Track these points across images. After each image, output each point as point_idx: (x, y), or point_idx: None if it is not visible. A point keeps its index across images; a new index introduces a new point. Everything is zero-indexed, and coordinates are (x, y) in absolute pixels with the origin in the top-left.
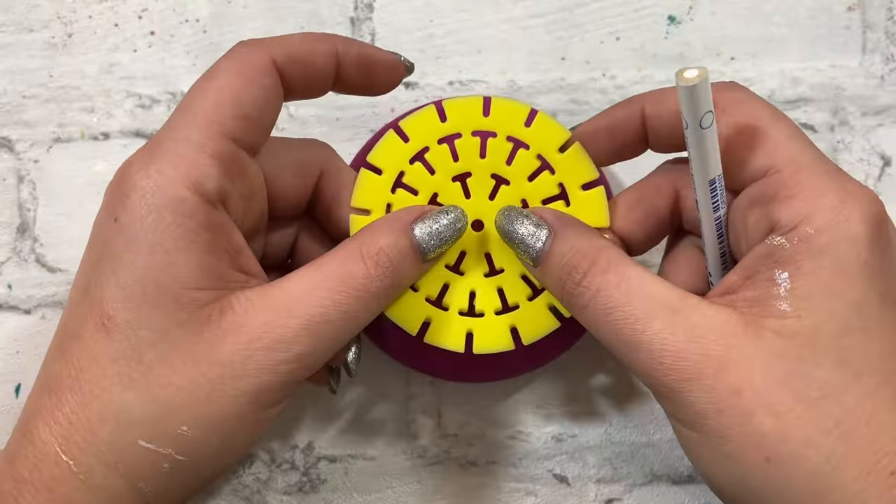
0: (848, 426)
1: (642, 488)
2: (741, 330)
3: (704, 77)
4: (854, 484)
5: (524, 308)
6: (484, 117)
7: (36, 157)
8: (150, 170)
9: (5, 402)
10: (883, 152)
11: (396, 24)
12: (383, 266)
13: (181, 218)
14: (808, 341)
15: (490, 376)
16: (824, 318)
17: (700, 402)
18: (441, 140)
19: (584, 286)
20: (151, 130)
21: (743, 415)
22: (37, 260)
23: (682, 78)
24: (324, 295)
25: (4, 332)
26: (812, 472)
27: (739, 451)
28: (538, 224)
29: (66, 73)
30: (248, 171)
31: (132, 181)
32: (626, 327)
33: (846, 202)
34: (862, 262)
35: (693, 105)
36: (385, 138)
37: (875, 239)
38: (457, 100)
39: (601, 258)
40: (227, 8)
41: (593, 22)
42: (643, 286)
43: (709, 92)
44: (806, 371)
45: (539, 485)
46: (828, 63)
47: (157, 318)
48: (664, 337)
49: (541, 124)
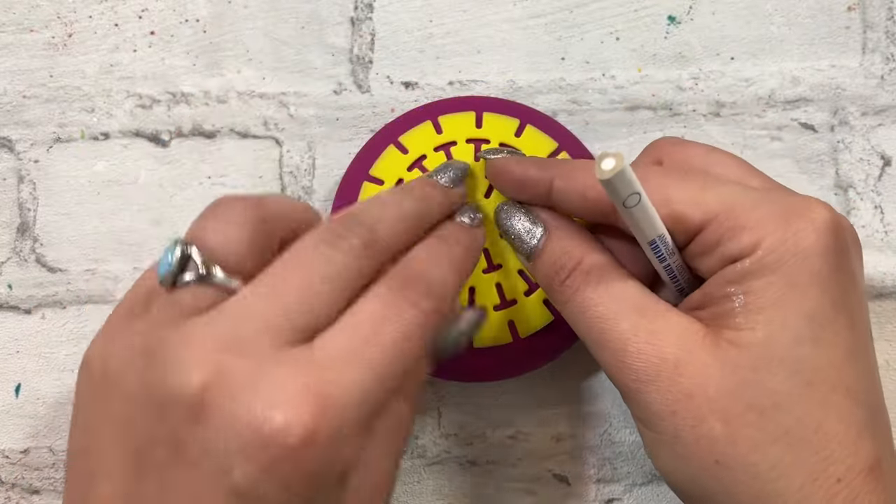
0: (797, 435)
1: (642, 488)
2: (700, 338)
3: (621, 167)
4: (799, 491)
5: (521, 303)
6: (477, 129)
7: (36, 157)
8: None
9: (5, 402)
10: (883, 152)
11: (396, 24)
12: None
13: None
14: (762, 352)
15: (490, 376)
16: (777, 330)
17: (656, 403)
18: (437, 148)
19: (566, 284)
20: (151, 130)
21: (695, 418)
22: (37, 260)
23: (600, 170)
24: None
25: (4, 332)
26: (758, 478)
27: (691, 452)
28: (534, 221)
29: (67, 73)
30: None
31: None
32: (597, 325)
33: (791, 218)
34: (814, 272)
35: (614, 193)
36: (386, 153)
37: (827, 247)
38: (451, 115)
39: (586, 260)
40: (227, 8)
41: (593, 22)
42: (619, 289)
43: (628, 178)
44: (759, 380)
45: (539, 485)
46: (828, 63)
47: None
48: (627, 337)
49: (530, 135)
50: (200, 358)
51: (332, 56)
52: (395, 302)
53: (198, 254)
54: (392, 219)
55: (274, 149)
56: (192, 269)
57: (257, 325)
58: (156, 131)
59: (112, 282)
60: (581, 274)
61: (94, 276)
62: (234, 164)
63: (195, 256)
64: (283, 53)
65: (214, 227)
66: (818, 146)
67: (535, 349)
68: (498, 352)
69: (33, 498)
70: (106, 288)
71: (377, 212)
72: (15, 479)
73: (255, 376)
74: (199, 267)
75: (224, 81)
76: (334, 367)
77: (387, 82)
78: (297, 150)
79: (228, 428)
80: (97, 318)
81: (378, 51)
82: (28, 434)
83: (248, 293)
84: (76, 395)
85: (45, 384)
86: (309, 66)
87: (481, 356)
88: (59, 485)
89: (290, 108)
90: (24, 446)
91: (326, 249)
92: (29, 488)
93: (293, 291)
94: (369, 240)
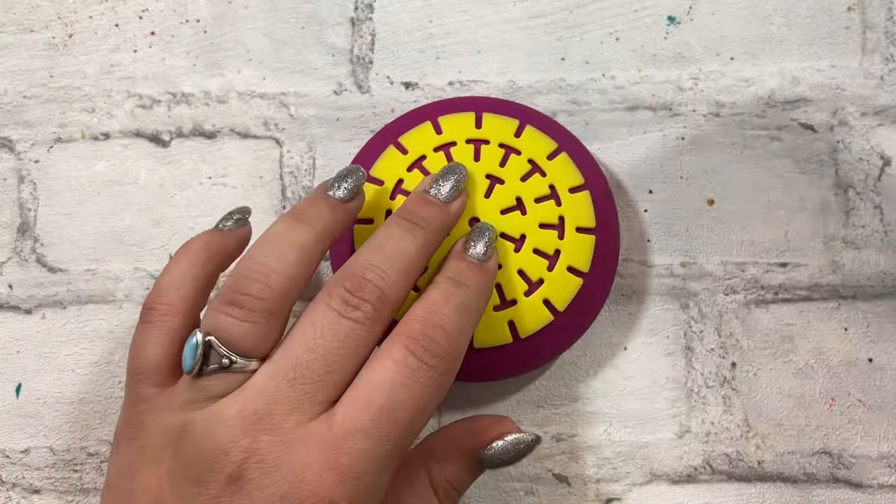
0: None
1: (642, 488)
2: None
3: None
4: None
5: (521, 303)
6: (476, 129)
7: (36, 157)
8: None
9: (5, 402)
10: (883, 152)
11: (396, 24)
12: (452, 498)
13: None
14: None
15: (490, 376)
16: None
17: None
18: (437, 148)
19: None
20: (152, 130)
21: None
22: (37, 260)
23: None
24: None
25: (5, 331)
26: None
27: None
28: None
29: (67, 73)
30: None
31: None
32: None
33: None
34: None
35: None
36: (386, 153)
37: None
38: (451, 116)
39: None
40: (227, 8)
41: (593, 22)
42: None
43: None
44: None
45: (539, 484)
46: (827, 63)
47: None
48: None
49: (529, 135)
50: (236, 434)
51: (332, 56)
52: (409, 363)
53: (218, 345)
54: (398, 272)
55: (274, 149)
56: (214, 360)
57: (281, 407)
58: (156, 131)
59: (112, 282)
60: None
61: (94, 276)
62: (235, 164)
63: (216, 348)
64: (284, 54)
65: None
66: (818, 146)
67: (535, 349)
68: (498, 352)
69: (34, 497)
70: (106, 288)
71: (383, 266)
72: (16, 478)
73: (284, 453)
74: (222, 357)
75: (224, 82)
76: (352, 439)
77: (387, 82)
78: (297, 151)
79: (264, 498)
80: (98, 318)
81: (378, 51)
82: (28, 434)
83: (270, 374)
84: (110, 467)
85: (46, 384)
86: (309, 66)
87: (481, 356)
88: (59, 484)
89: (291, 109)
90: (24, 446)
91: (338, 320)
92: (29, 488)
93: (313, 367)
94: (378, 299)
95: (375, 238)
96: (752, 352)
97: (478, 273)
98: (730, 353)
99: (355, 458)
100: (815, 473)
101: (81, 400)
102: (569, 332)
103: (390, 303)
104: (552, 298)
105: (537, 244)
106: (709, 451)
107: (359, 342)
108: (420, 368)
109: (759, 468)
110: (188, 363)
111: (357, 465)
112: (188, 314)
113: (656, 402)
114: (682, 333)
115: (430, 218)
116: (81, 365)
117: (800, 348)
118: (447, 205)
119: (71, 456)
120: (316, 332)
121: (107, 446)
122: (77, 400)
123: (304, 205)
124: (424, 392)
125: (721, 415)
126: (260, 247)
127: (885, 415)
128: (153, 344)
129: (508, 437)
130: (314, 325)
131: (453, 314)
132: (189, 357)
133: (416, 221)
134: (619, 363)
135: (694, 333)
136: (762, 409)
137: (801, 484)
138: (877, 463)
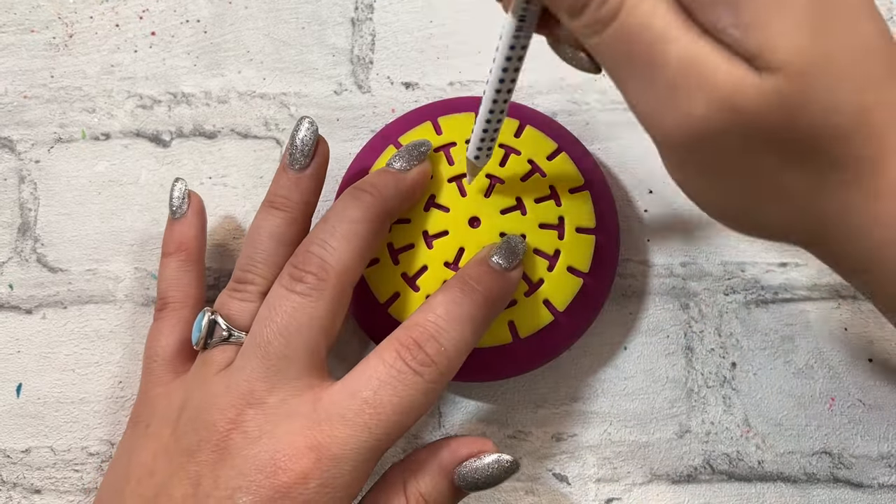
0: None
1: (642, 488)
2: None
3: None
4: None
5: (521, 303)
6: None
7: (37, 157)
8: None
9: (6, 401)
10: None
11: (396, 24)
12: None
13: None
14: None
15: (490, 376)
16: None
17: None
18: (437, 149)
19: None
20: (152, 130)
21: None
22: (38, 260)
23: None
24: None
25: (5, 331)
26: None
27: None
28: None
29: (68, 73)
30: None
31: None
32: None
33: None
34: None
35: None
36: (386, 153)
37: None
38: (451, 116)
39: None
40: (227, 8)
41: None
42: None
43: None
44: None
45: (539, 484)
46: None
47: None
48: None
49: (529, 135)
50: (224, 407)
51: (332, 56)
52: (398, 367)
53: (221, 321)
54: (340, 238)
55: (275, 149)
56: (217, 334)
57: (260, 383)
58: (157, 131)
59: (113, 282)
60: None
61: (95, 276)
62: (235, 164)
63: (220, 323)
64: (284, 54)
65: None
66: None
67: (535, 349)
68: (498, 352)
69: (34, 497)
70: (107, 288)
71: (324, 237)
72: (16, 478)
73: (266, 426)
74: (223, 331)
75: (225, 82)
76: (333, 423)
77: (387, 83)
78: None
79: (244, 466)
80: (98, 318)
81: (378, 51)
82: (29, 434)
83: (243, 353)
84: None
85: (46, 384)
86: (309, 66)
87: (481, 356)
88: (60, 484)
89: (291, 109)
90: (25, 446)
91: (287, 295)
92: (30, 488)
93: (274, 343)
94: (320, 267)
95: (325, 214)
96: (752, 352)
97: (494, 280)
98: (730, 353)
99: (334, 442)
100: (815, 473)
101: (82, 400)
102: (569, 332)
103: (335, 270)
104: (552, 298)
105: (537, 244)
106: (709, 450)
107: (310, 314)
108: (408, 373)
109: (759, 468)
110: (195, 336)
111: (335, 448)
112: (196, 306)
113: (656, 402)
114: (683, 333)
115: (380, 183)
116: (82, 365)
117: (800, 348)
118: (402, 172)
119: (72, 456)
120: (271, 311)
121: (107, 446)
122: (78, 400)
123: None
124: (411, 395)
125: (721, 415)
126: (252, 244)
127: (885, 415)
128: (166, 334)
129: (485, 456)
130: (269, 303)
131: (452, 326)
132: (196, 331)
133: (364, 188)
134: (619, 363)
135: (694, 333)
136: (762, 408)
137: (801, 484)
138: (877, 463)
